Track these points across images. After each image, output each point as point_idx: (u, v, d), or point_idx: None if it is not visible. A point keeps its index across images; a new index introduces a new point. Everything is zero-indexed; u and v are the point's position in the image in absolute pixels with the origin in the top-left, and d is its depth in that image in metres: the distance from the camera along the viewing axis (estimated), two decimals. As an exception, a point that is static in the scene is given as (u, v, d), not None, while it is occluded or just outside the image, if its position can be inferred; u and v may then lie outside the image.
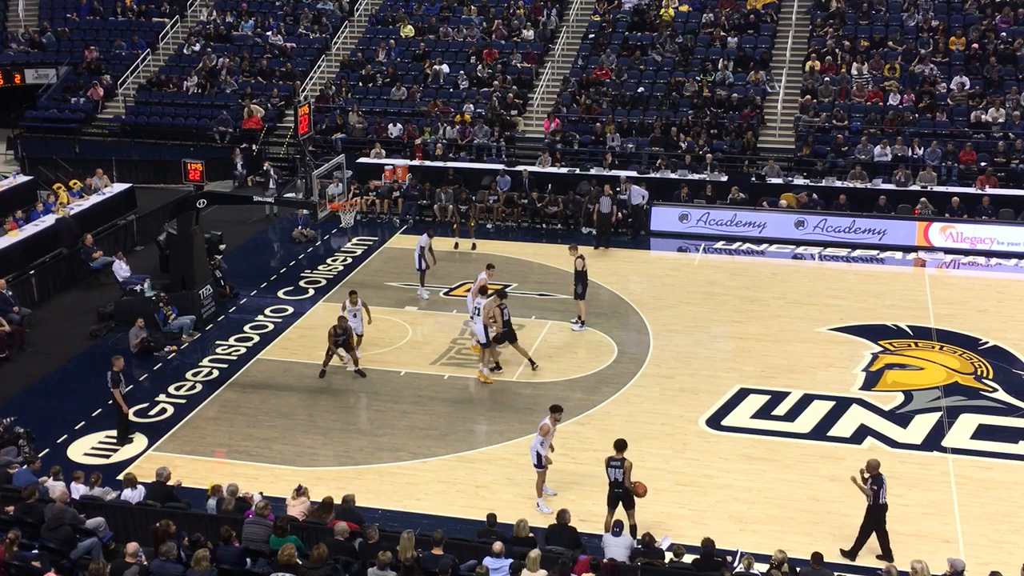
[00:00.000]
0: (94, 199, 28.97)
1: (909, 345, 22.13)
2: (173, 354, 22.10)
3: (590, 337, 22.61)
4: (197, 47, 39.05)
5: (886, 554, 15.06)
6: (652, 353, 21.88)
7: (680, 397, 19.99)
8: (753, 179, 30.06)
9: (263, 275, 26.42)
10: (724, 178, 30.11)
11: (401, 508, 16.62)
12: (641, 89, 34.40)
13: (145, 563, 13.49)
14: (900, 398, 19.86)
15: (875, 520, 15.17)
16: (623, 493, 15.40)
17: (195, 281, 23.19)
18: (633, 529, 15.36)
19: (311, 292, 25.31)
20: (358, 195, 29.99)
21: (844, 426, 18.94)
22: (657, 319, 23.48)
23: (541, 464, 16.48)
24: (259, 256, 28.27)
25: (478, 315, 20.72)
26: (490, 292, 21.33)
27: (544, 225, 29.97)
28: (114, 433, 18.87)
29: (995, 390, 20.17)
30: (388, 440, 18.71)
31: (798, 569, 13.88)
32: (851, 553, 15.27)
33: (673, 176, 30.22)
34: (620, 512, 15.46)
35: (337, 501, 15.16)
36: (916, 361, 21.41)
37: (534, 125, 34.42)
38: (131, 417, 18.98)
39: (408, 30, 38.29)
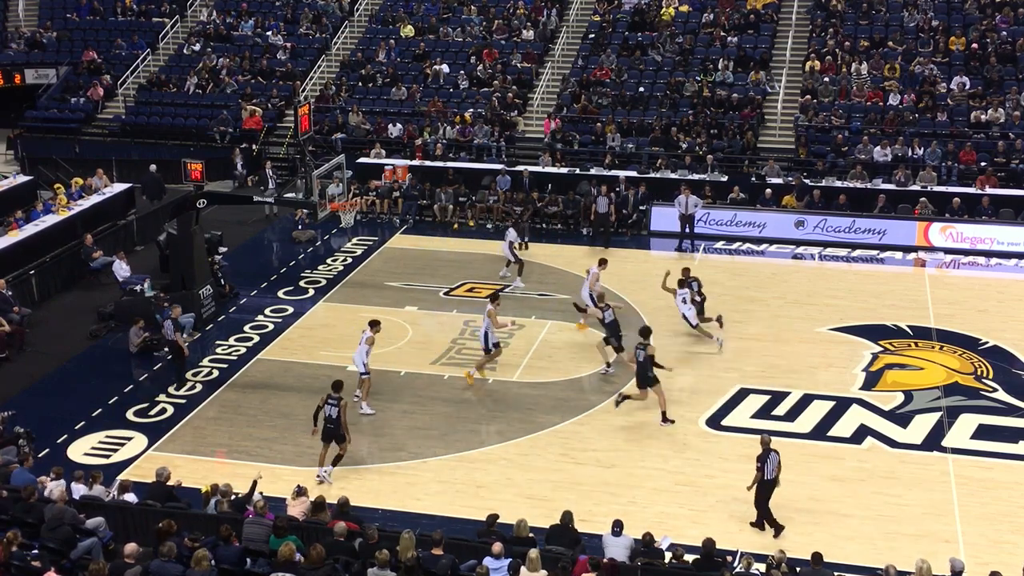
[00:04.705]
0: (94, 199, 28.95)
1: (909, 345, 22.14)
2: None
3: (590, 337, 22.59)
4: (197, 47, 39.04)
5: (766, 525, 15.86)
6: (652, 353, 21.87)
7: (680, 397, 19.98)
8: (753, 179, 30.06)
9: (263, 275, 26.42)
10: (724, 178, 30.11)
11: (401, 508, 16.63)
12: (641, 89, 34.39)
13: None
14: (900, 398, 19.87)
15: (761, 493, 15.85)
16: (335, 430, 17.13)
17: (195, 281, 23.20)
18: (338, 459, 17.28)
19: (311, 292, 25.31)
20: (358, 195, 30.02)
21: (844, 426, 18.95)
22: (657, 319, 23.44)
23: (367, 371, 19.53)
24: (259, 256, 28.28)
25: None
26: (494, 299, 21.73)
27: (544, 225, 29.98)
28: (115, 433, 18.96)
29: (995, 390, 20.18)
30: (388, 440, 18.72)
31: (798, 569, 13.88)
32: (758, 524, 15.90)
33: (673, 176, 30.22)
34: (620, 512, 15.48)
35: (331, 501, 15.21)
36: (916, 361, 21.42)
37: (534, 125, 34.42)
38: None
39: (408, 30, 38.29)
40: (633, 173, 30.60)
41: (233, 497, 15.41)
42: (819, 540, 15.41)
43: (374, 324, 20.17)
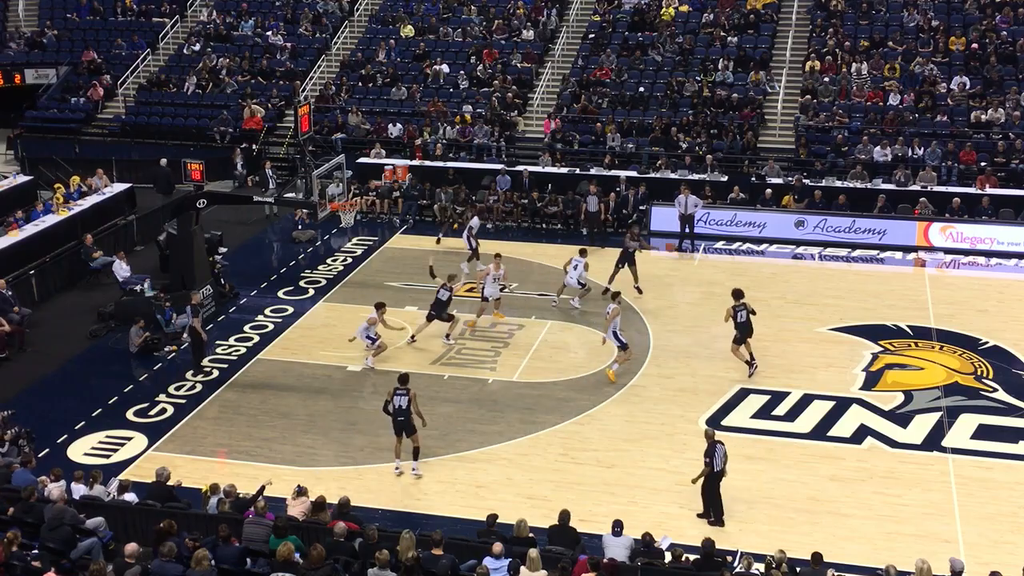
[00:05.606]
0: (94, 199, 28.95)
1: (909, 345, 22.14)
2: (173, 354, 22.10)
3: (590, 337, 22.60)
4: (197, 47, 39.05)
5: (717, 518, 16.13)
6: (652, 353, 21.88)
7: (680, 397, 20.00)
8: (753, 179, 30.06)
9: (263, 275, 26.42)
10: (724, 178, 30.11)
11: (401, 508, 16.64)
12: (641, 89, 34.38)
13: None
14: (900, 398, 19.86)
15: (709, 484, 16.10)
16: (405, 421, 17.28)
17: (195, 281, 23.20)
18: (416, 452, 17.46)
19: (311, 292, 25.31)
20: (358, 195, 30.02)
21: (844, 426, 18.94)
22: (657, 319, 23.48)
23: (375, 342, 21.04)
24: (259, 256, 28.28)
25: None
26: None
27: (544, 225, 29.98)
28: (115, 433, 18.95)
29: (995, 390, 20.17)
30: (388, 440, 18.66)
31: (798, 569, 13.89)
32: (717, 520, 16.08)
33: (673, 176, 30.21)
34: (620, 512, 15.48)
35: (331, 501, 15.21)
36: (916, 361, 21.42)
37: (534, 125, 34.42)
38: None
39: (408, 30, 38.29)
40: (633, 173, 30.60)
41: (237, 497, 15.41)
42: (819, 540, 15.41)
43: (380, 307, 21.40)
